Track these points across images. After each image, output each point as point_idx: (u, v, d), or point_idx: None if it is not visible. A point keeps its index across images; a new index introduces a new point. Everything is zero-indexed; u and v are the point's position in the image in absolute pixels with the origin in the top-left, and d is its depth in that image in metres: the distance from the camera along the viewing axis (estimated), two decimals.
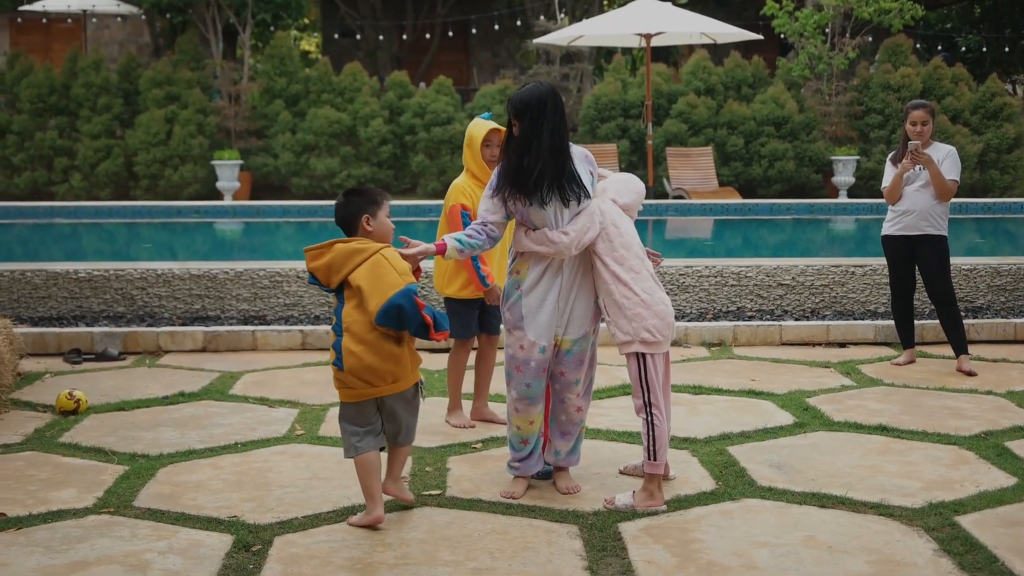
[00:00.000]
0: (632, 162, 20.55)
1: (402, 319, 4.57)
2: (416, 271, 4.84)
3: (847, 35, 21.11)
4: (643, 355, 4.93)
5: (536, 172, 4.83)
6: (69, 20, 28.10)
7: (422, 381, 4.94)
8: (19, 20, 28.00)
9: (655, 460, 4.93)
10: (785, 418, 6.46)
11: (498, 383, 6.39)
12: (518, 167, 4.87)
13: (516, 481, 5.21)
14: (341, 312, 4.71)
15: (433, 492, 5.19)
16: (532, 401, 5.08)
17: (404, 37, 30.17)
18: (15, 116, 21.34)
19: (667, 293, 8.95)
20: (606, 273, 4.93)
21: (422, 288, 9.01)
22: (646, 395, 4.96)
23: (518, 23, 28.61)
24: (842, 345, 8.67)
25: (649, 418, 4.95)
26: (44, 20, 27.98)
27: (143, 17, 26.14)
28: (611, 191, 5.10)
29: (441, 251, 4.95)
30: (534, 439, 5.20)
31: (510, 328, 5.04)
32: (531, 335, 4.97)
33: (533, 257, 4.98)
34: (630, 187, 5.16)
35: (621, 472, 5.50)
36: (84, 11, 25.28)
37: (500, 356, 6.12)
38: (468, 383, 6.88)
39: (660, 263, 5.33)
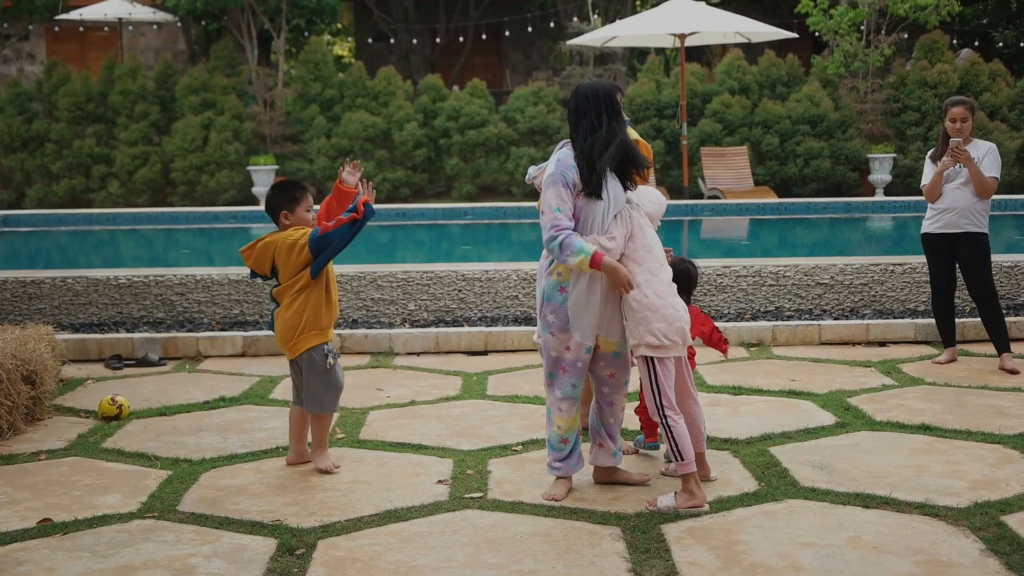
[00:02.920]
0: (667, 162, 20.51)
1: (325, 240, 5.43)
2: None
3: (882, 32, 20.97)
4: (652, 359, 4.94)
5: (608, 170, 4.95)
6: (105, 28, 28.32)
7: (327, 350, 5.57)
8: (56, 29, 28.23)
9: (682, 460, 4.90)
10: (826, 418, 6.42)
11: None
12: (594, 162, 4.93)
13: (558, 483, 5.20)
14: (274, 290, 5.64)
15: (475, 495, 5.19)
16: (576, 400, 5.12)
17: (437, 40, 30.23)
18: (53, 124, 21.55)
19: (704, 294, 9.00)
20: None
21: None
22: (657, 398, 4.96)
23: (551, 25, 28.63)
24: (882, 344, 8.61)
25: (664, 420, 4.95)
26: (80, 29, 28.20)
27: (178, 24, 26.32)
28: (634, 199, 5.13)
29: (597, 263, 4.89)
30: (574, 438, 5.20)
31: (555, 331, 5.01)
32: (578, 336, 4.98)
33: None
34: (652, 198, 5.21)
35: (663, 473, 5.48)
36: (120, 19, 25.47)
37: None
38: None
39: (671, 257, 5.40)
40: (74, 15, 25.28)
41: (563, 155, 4.98)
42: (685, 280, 5.52)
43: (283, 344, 5.63)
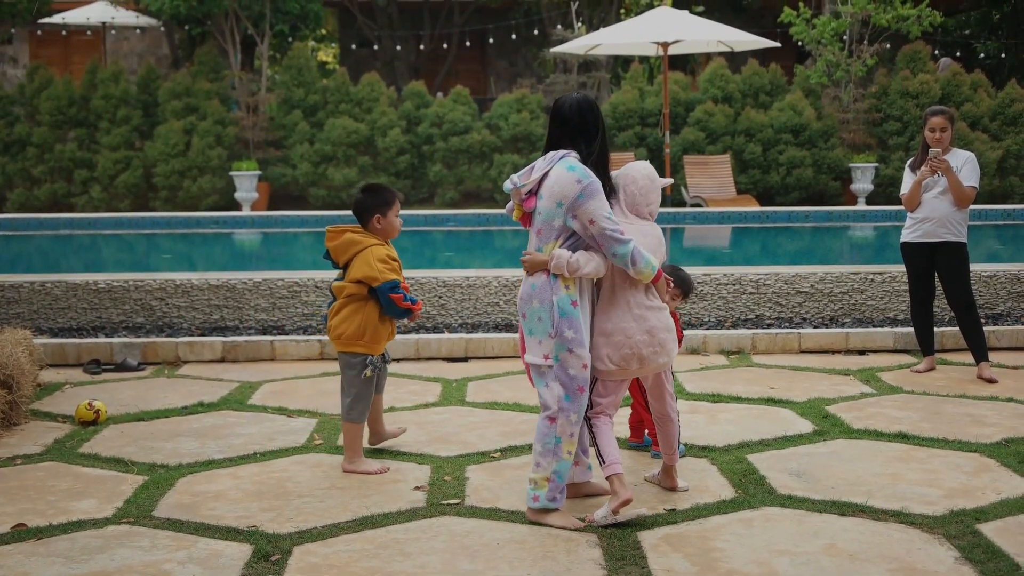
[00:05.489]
0: None
1: (385, 302, 5.62)
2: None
3: (865, 42, 21.06)
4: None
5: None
6: (88, 32, 28.24)
7: (371, 363, 5.67)
8: (39, 33, 28.16)
9: (605, 462, 4.87)
10: (805, 426, 6.44)
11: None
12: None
13: (565, 513, 4.96)
14: (334, 284, 5.75)
15: (452, 501, 5.18)
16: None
17: (421, 47, 30.24)
18: (35, 128, 21.46)
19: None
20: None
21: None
22: (586, 408, 4.99)
23: (535, 32, 28.66)
24: (861, 352, 8.63)
25: (588, 427, 4.99)
26: (64, 32, 28.14)
27: (162, 29, 26.26)
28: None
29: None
30: None
31: (572, 348, 4.83)
32: (588, 351, 4.90)
33: None
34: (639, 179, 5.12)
35: (646, 479, 5.48)
36: (103, 23, 25.40)
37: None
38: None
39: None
40: (57, 19, 25.19)
41: (581, 165, 4.84)
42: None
43: (340, 333, 5.69)
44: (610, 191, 4.96)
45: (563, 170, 4.81)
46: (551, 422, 4.89)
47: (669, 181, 5.25)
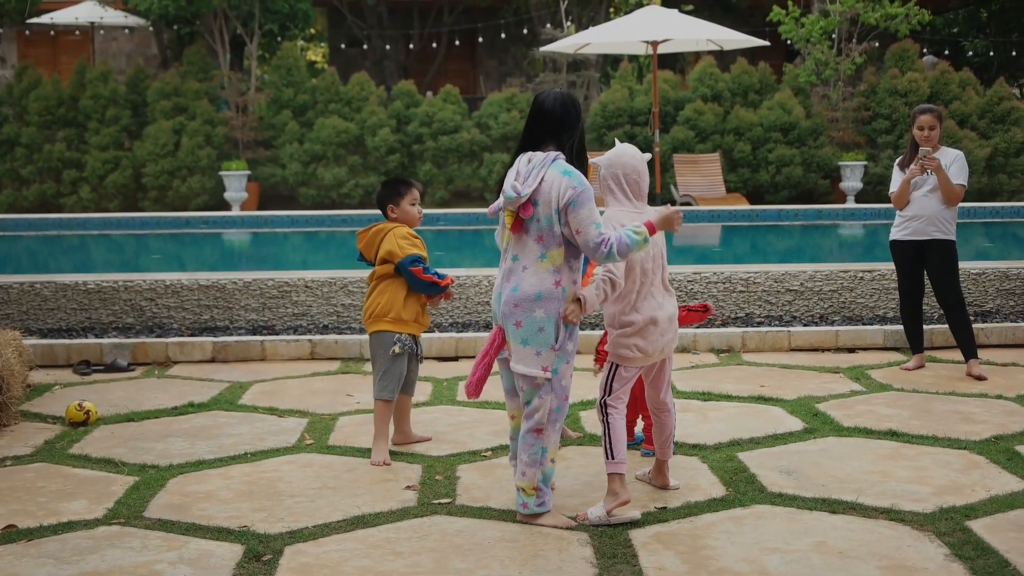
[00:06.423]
0: None
1: (408, 277, 5.85)
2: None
3: (854, 40, 21.10)
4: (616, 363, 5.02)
5: None
6: (77, 32, 28.18)
7: (399, 340, 5.86)
8: (27, 32, 28.07)
9: (613, 458, 4.88)
10: (795, 424, 6.45)
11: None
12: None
13: (556, 513, 4.97)
14: (370, 274, 6.02)
15: (443, 500, 5.18)
16: None
17: (411, 46, 30.21)
18: (23, 128, 21.40)
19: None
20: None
21: None
22: (605, 396, 5.00)
23: (524, 31, 28.66)
24: (851, 350, 8.65)
25: (604, 415, 4.96)
26: (52, 32, 28.06)
27: (151, 29, 26.20)
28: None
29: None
30: None
31: (569, 359, 4.86)
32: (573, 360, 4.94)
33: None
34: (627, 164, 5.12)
35: (637, 478, 5.49)
36: (92, 23, 25.36)
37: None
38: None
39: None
40: (45, 19, 25.13)
41: (576, 171, 4.78)
42: None
43: (372, 312, 5.94)
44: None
45: (557, 174, 4.74)
46: (538, 434, 4.86)
47: (649, 156, 5.23)
